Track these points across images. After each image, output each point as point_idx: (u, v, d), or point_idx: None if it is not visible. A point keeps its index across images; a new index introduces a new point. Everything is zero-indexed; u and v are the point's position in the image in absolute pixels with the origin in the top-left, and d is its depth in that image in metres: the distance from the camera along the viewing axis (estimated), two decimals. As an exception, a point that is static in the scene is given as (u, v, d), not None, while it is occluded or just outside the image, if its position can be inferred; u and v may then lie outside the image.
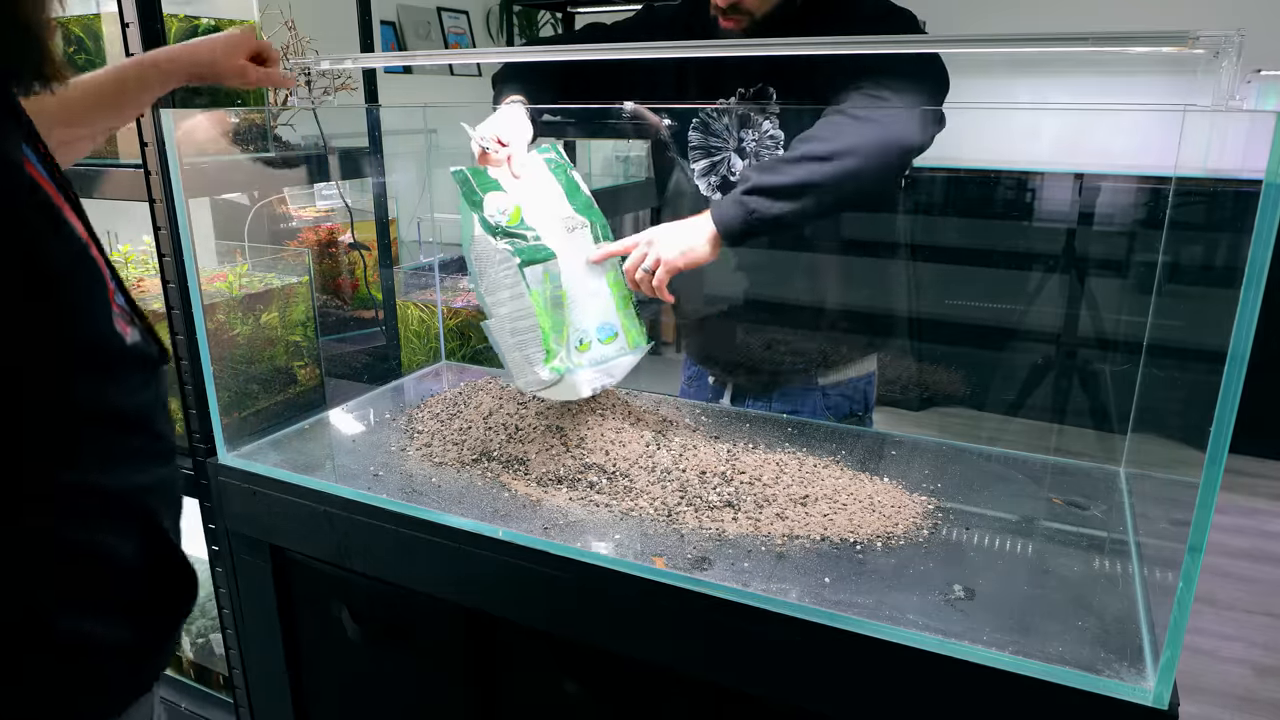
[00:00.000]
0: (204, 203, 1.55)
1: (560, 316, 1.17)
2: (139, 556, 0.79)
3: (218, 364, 1.25)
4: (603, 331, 1.22)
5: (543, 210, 1.22)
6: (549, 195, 1.24)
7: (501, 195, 1.19)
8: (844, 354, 1.42)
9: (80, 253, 0.70)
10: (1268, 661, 2.24)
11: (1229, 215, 0.90)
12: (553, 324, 1.16)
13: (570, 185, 1.27)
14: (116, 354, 0.73)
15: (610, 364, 1.23)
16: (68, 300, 0.68)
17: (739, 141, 1.35)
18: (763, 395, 1.46)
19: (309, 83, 1.32)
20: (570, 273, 1.19)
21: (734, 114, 1.35)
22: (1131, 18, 3.44)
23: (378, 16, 1.89)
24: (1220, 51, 0.80)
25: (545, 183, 1.26)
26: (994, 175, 3.43)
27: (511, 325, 1.16)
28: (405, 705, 1.21)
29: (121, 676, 0.79)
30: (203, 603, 1.66)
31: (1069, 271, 3.09)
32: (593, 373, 1.21)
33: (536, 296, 1.14)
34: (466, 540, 1.02)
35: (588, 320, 1.21)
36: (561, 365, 1.16)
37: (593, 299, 1.22)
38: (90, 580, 0.75)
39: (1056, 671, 0.76)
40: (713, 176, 1.39)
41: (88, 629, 0.74)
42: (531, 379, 1.17)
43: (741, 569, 0.93)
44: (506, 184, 1.20)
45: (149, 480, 0.79)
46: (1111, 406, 2.12)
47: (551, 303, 1.16)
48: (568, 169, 1.29)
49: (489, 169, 1.20)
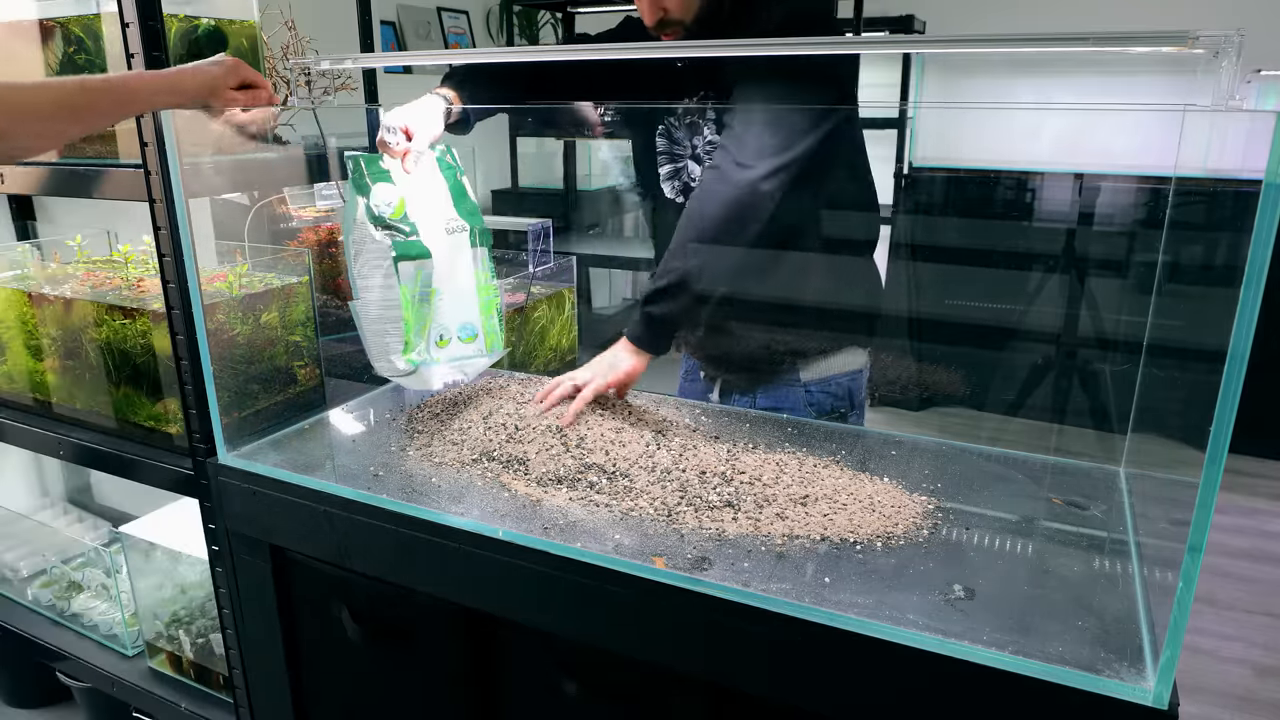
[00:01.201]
0: (204, 203, 1.55)
1: (425, 313, 1.23)
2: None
3: (218, 364, 1.25)
4: (464, 331, 1.28)
5: (426, 208, 1.26)
6: (435, 195, 1.29)
7: (389, 187, 1.23)
8: (822, 350, 1.43)
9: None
10: (1268, 661, 2.24)
11: (1229, 215, 0.89)
12: (416, 318, 1.22)
13: (458, 188, 1.31)
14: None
15: (465, 362, 1.30)
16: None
17: (693, 149, 1.40)
18: (747, 391, 1.47)
19: (309, 83, 1.32)
20: (442, 272, 1.23)
21: (685, 122, 1.41)
22: (1131, 18, 3.44)
23: (378, 16, 1.89)
24: (1220, 51, 0.80)
25: (434, 182, 1.30)
26: (994, 175, 3.43)
27: (377, 312, 1.22)
28: (405, 705, 1.21)
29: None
30: (203, 602, 1.66)
31: (1069, 271, 3.09)
32: (447, 368, 1.28)
33: (405, 291, 1.20)
34: (466, 540, 1.02)
35: (451, 318, 1.27)
36: (417, 358, 1.22)
37: (459, 299, 1.28)
38: None
39: (1056, 671, 0.76)
40: (675, 181, 1.45)
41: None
42: (386, 366, 1.23)
43: (741, 569, 0.93)
44: (396, 177, 1.24)
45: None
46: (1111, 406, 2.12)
47: (419, 299, 1.22)
48: (458, 172, 1.33)
49: (383, 159, 1.24)
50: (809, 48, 1.07)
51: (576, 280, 1.99)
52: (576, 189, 3.92)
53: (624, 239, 3.81)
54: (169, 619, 1.64)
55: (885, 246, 3.39)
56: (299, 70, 1.30)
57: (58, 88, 1.00)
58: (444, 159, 1.31)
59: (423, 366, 1.23)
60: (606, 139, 2.37)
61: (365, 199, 1.20)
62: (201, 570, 1.61)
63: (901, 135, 3.77)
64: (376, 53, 1.97)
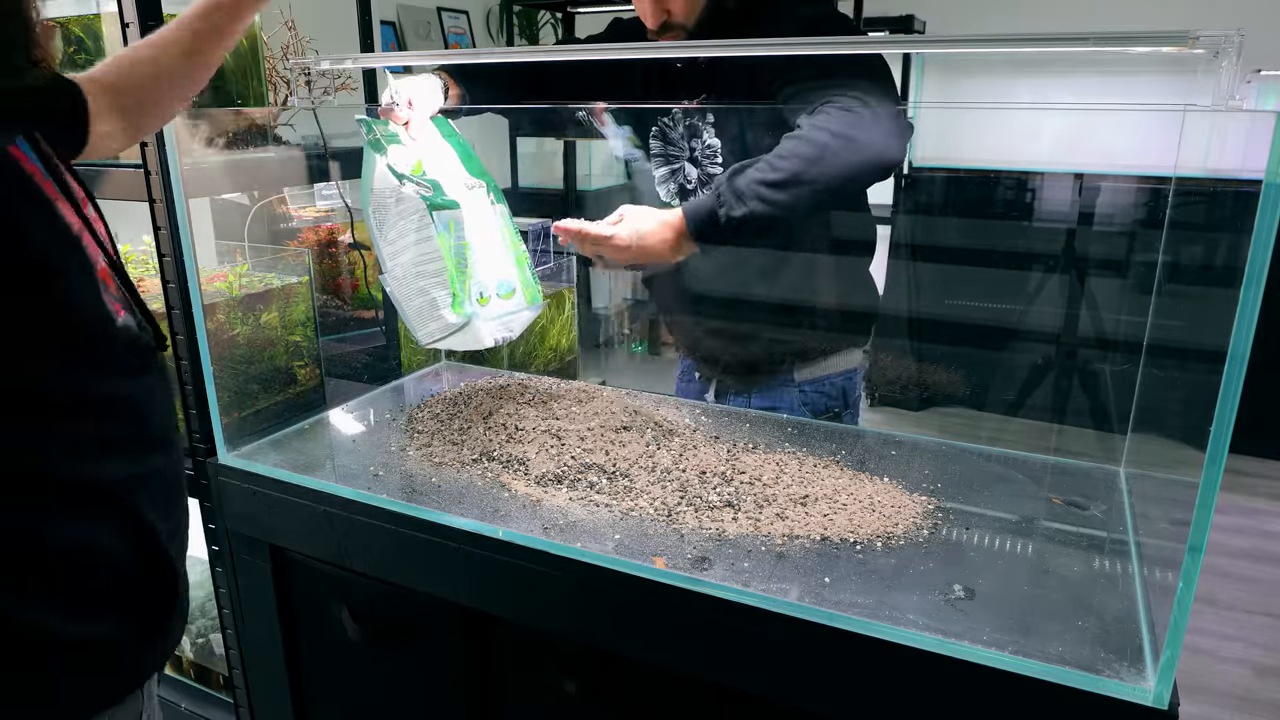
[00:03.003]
0: (204, 203, 1.55)
1: (464, 268, 1.20)
2: (118, 549, 0.78)
3: (218, 364, 1.25)
4: (501, 288, 1.26)
5: (441, 168, 1.25)
6: (445, 157, 1.28)
7: (402, 149, 1.22)
8: (816, 350, 1.44)
9: (63, 234, 0.74)
10: (1268, 661, 2.24)
11: (1229, 215, 0.90)
12: (457, 271, 1.19)
13: (465, 150, 1.31)
14: (103, 332, 0.76)
15: (509, 318, 1.26)
16: (45, 277, 0.72)
17: (690, 152, 1.40)
18: (741, 391, 1.47)
19: (309, 83, 1.32)
20: (470, 228, 1.21)
21: (682, 124, 1.40)
22: (1131, 18, 3.44)
23: (378, 16, 1.89)
24: (1220, 51, 0.80)
25: (441, 146, 1.29)
26: (994, 175, 3.43)
27: (418, 269, 1.18)
28: (405, 705, 1.21)
29: (96, 674, 0.78)
30: (203, 603, 1.66)
31: (1069, 272, 3.09)
32: (494, 324, 1.24)
33: (444, 240, 1.17)
34: (466, 540, 1.02)
35: (487, 275, 1.24)
36: (469, 310, 1.19)
37: (491, 255, 1.25)
38: (62, 573, 0.75)
39: (1056, 671, 0.76)
40: (671, 184, 1.44)
41: (55, 624, 0.74)
42: (435, 326, 1.19)
43: (741, 569, 0.93)
44: (405, 141, 1.23)
45: (133, 471, 0.79)
46: (1111, 406, 2.12)
47: (455, 252, 1.19)
48: (460, 138, 1.32)
49: (390, 124, 1.23)
50: (809, 48, 1.07)
51: (576, 280, 2.00)
52: (576, 189, 3.92)
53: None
54: (169, 619, 1.64)
55: (885, 246, 3.40)
56: (299, 70, 1.30)
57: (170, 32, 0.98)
58: (444, 124, 1.31)
59: (474, 319, 1.19)
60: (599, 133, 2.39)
61: (384, 157, 1.19)
62: (201, 570, 1.61)
63: (901, 135, 3.76)
64: (376, 53, 1.97)
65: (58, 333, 0.73)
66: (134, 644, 0.81)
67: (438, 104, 1.29)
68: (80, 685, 0.77)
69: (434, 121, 1.30)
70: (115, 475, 0.77)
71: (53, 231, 0.73)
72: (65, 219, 0.75)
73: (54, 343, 0.73)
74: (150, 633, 0.82)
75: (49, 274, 0.72)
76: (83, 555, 0.76)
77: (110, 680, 0.80)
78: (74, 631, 0.75)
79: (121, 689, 0.81)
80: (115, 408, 0.78)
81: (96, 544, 0.76)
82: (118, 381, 0.78)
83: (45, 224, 0.73)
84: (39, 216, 0.72)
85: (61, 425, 0.74)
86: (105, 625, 0.78)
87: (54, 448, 0.73)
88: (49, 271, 0.72)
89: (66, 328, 0.74)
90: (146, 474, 0.81)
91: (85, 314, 0.75)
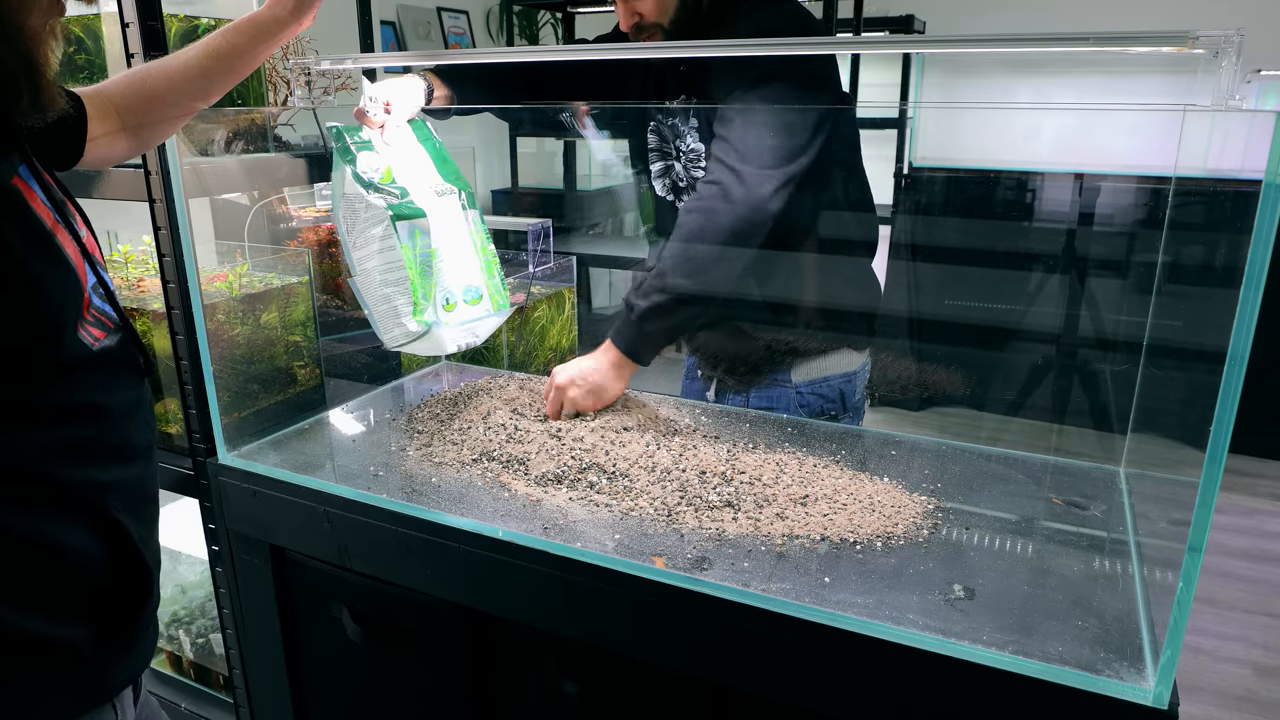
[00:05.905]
0: (204, 203, 1.55)
1: (429, 275, 1.21)
2: (94, 551, 0.79)
3: (218, 364, 1.25)
4: (469, 293, 1.26)
5: (413, 174, 1.25)
6: (418, 162, 1.28)
7: (373, 155, 1.22)
8: (813, 352, 1.44)
9: (56, 260, 0.76)
10: (1268, 661, 2.24)
11: (1229, 215, 0.90)
12: (421, 279, 1.20)
13: (439, 155, 1.31)
14: (78, 356, 0.77)
15: (475, 324, 1.27)
16: (32, 301, 0.73)
17: (677, 151, 1.41)
18: (740, 390, 1.48)
19: (309, 83, 1.32)
20: (438, 235, 1.22)
21: (668, 123, 1.42)
22: (1131, 18, 3.44)
23: (378, 16, 1.89)
24: (1220, 51, 0.80)
25: (415, 151, 1.29)
26: (994, 175, 3.43)
27: (381, 277, 1.19)
28: (405, 705, 1.21)
29: (61, 675, 0.78)
30: (203, 602, 1.66)
31: (1069, 272, 3.08)
32: (458, 331, 1.25)
33: (406, 250, 1.18)
34: (466, 540, 1.02)
35: (454, 281, 1.25)
36: (429, 319, 1.20)
37: (460, 261, 1.26)
38: (36, 573, 0.75)
39: (1056, 671, 0.76)
40: (666, 179, 1.46)
41: (32, 625, 0.74)
42: (398, 332, 1.21)
43: (741, 569, 0.93)
44: (378, 146, 1.23)
45: (106, 478, 0.80)
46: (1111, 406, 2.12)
47: (420, 260, 1.19)
48: (436, 142, 1.32)
49: (363, 130, 1.24)
50: (807, 48, 1.07)
51: (576, 280, 2.00)
52: (576, 189, 3.92)
53: (624, 239, 3.82)
54: (169, 619, 1.64)
55: (885, 246, 3.40)
56: (299, 70, 1.30)
57: (198, 44, 1.01)
58: (421, 128, 1.31)
59: (435, 327, 1.21)
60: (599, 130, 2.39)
61: (351, 166, 1.20)
62: (201, 570, 1.61)
63: (901, 135, 3.77)
64: (376, 53, 1.97)
65: (34, 357, 0.74)
66: (109, 647, 0.81)
67: (417, 106, 1.29)
68: (44, 687, 0.77)
69: (411, 125, 1.30)
70: (87, 479, 0.78)
71: (47, 265, 0.74)
72: (62, 249, 0.76)
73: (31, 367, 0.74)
74: (120, 636, 0.82)
75: (37, 305, 0.73)
76: (58, 556, 0.76)
77: (77, 685, 0.79)
78: (38, 629, 0.75)
79: (90, 696, 0.80)
80: (81, 418, 0.78)
81: (66, 541, 0.77)
82: (83, 396, 0.78)
83: (43, 260, 0.74)
84: (37, 256, 0.73)
85: (31, 430, 0.75)
86: (83, 627, 0.78)
87: (25, 449, 0.74)
88: (38, 304, 0.73)
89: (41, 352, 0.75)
90: (117, 481, 0.81)
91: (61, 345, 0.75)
